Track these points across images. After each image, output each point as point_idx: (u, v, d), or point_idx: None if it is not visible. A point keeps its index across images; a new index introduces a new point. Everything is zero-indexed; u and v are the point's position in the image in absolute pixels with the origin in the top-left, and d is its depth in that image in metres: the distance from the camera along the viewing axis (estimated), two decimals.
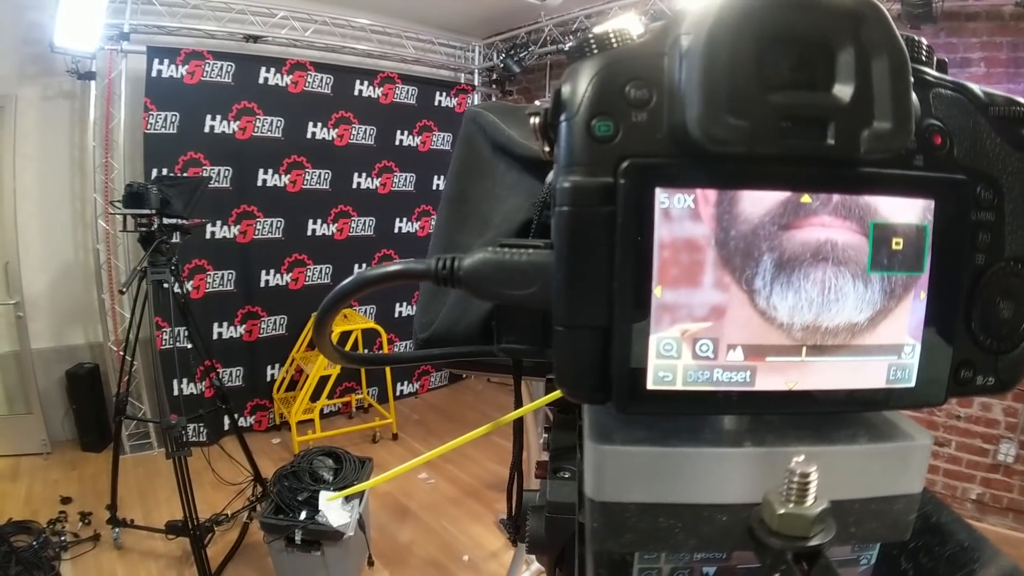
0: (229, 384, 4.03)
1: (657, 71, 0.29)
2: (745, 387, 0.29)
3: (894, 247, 0.29)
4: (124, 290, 2.58)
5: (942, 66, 0.34)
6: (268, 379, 4.42)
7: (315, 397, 4.07)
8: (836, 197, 0.29)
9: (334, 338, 3.07)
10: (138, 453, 3.91)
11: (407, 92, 4.87)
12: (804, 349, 0.30)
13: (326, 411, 4.38)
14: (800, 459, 0.26)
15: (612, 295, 0.29)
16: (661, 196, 0.28)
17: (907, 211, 0.29)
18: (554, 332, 0.31)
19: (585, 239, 0.29)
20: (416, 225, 5.11)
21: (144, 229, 2.71)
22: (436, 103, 5.11)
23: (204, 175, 3.74)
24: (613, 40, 0.31)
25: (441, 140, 5.17)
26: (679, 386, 0.29)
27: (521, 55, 4.96)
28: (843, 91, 0.28)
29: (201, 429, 3.80)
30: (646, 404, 0.29)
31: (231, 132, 3.98)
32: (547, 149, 0.36)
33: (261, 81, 4.06)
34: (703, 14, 0.28)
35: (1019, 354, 0.33)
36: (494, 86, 5.61)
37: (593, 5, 4.55)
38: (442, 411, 5.01)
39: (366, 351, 4.22)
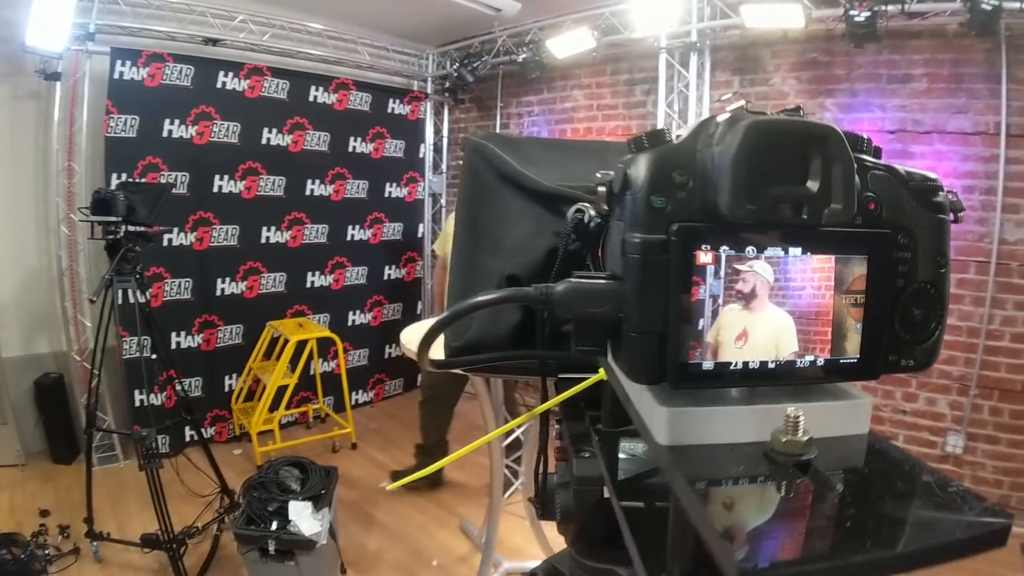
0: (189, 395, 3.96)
1: (692, 164, 0.44)
2: (751, 367, 0.45)
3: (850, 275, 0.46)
4: (94, 299, 2.52)
5: (878, 152, 0.49)
6: (226, 389, 4.35)
7: (274, 407, 4.03)
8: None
9: (291, 348, 3.13)
10: (105, 466, 3.80)
11: (361, 99, 4.89)
12: None
13: (284, 421, 4.33)
14: (793, 407, 0.40)
15: (667, 312, 0.43)
16: (698, 250, 0.43)
17: (854, 253, 0.46)
18: (626, 337, 0.45)
19: (650, 276, 0.43)
20: (368, 232, 5.11)
21: (111, 237, 2.66)
22: (389, 110, 5.14)
23: (165, 181, 3.67)
24: (665, 138, 0.45)
25: (394, 147, 5.20)
26: (710, 369, 0.44)
27: (475, 64, 5.04)
28: (813, 185, 0.43)
29: (164, 440, 3.71)
30: (691, 381, 0.45)
31: (189, 137, 3.91)
32: (605, 207, 0.50)
33: (219, 85, 4.02)
34: (730, 133, 0.42)
35: (930, 344, 0.50)
36: (447, 94, 5.68)
37: (546, 18, 4.68)
38: (399, 419, 5.02)
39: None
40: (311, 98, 4.53)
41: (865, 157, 0.47)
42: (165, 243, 3.87)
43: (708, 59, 3.99)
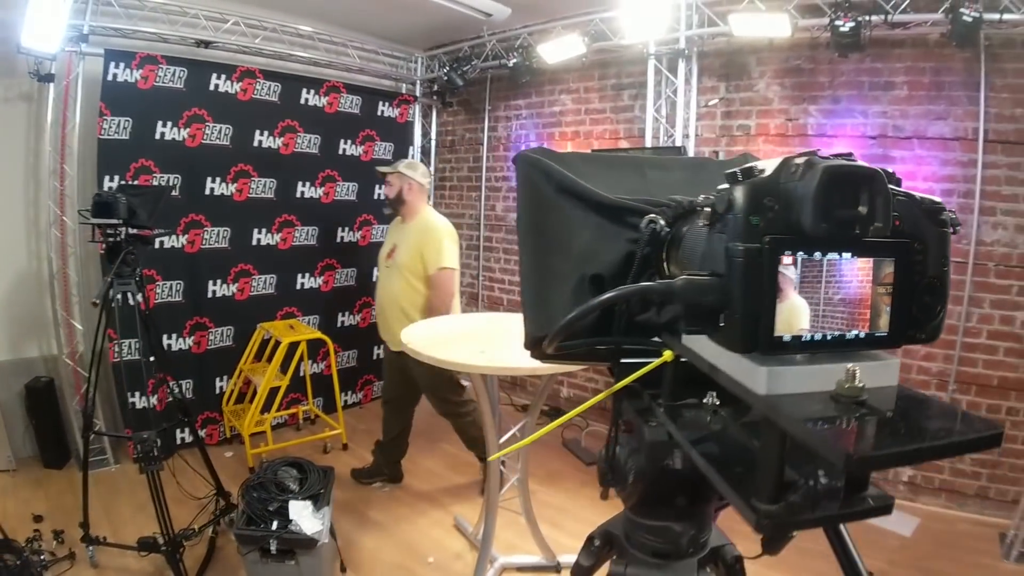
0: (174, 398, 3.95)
1: (777, 192, 0.60)
2: (815, 339, 0.61)
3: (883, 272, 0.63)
4: (97, 302, 2.51)
5: (899, 182, 0.65)
6: (217, 391, 4.33)
7: (265, 409, 4.03)
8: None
9: (282, 349, 3.17)
10: (96, 470, 3.74)
11: (351, 102, 4.90)
12: None
13: (274, 423, 4.33)
14: (851, 365, 0.57)
15: (761, 299, 0.59)
16: (782, 255, 0.59)
17: (886, 256, 0.63)
18: (730, 319, 0.62)
19: (749, 274, 0.59)
20: (357, 234, 5.12)
21: (112, 239, 2.66)
22: (379, 113, 5.15)
23: (163, 184, 3.67)
24: (755, 172, 0.61)
25: (383, 150, 5.22)
26: (788, 340, 0.60)
27: (464, 68, 5.09)
28: (863, 209, 0.59)
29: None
30: (779, 349, 0.60)
31: (181, 139, 3.89)
32: (706, 223, 0.66)
33: (212, 88, 4.01)
34: (810, 172, 0.58)
35: (937, 323, 0.67)
36: (435, 97, 5.71)
37: (535, 23, 4.75)
38: None
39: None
40: (302, 100, 4.54)
41: (892, 187, 0.62)
42: (157, 245, 3.81)
43: (695, 65, 4.08)
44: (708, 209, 0.64)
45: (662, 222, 0.79)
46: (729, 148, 4.16)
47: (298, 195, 4.62)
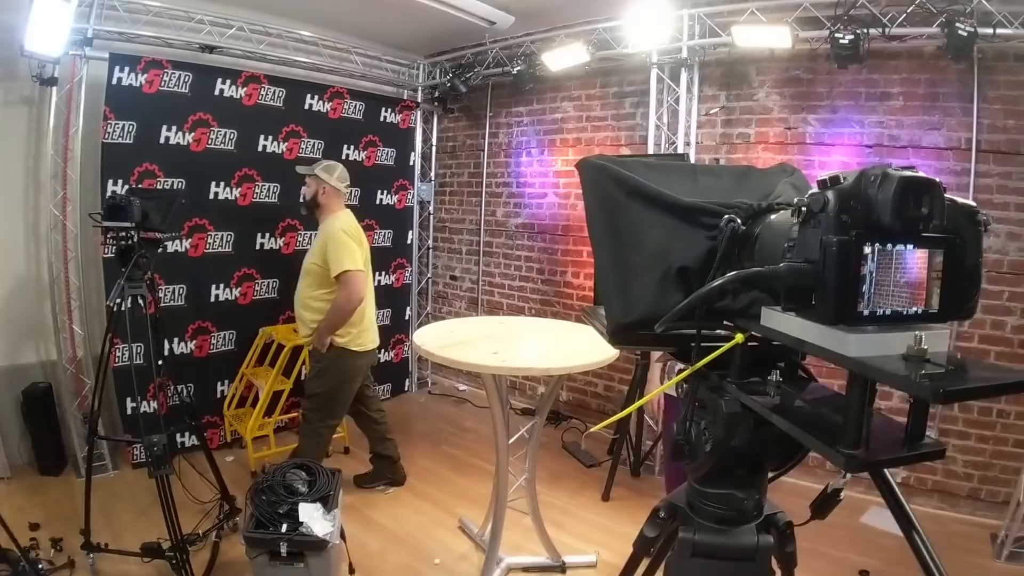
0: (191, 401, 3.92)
1: (859, 196, 0.76)
2: (886, 313, 0.76)
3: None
4: (112, 305, 2.52)
5: (945, 189, 0.78)
6: (218, 395, 4.32)
7: (268, 413, 4.04)
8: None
9: (286, 353, 3.27)
10: (95, 476, 3.69)
11: (355, 107, 4.93)
12: None
13: (276, 427, 4.32)
14: (918, 332, 0.73)
15: (850, 280, 0.74)
16: (865, 245, 0.74)
17: (938, 248, 0.78)
18: (822, 297, 0.76)
19: (840, 261, 0.74)
20: None
21: (124, 243, 2.67)
22: (381, 119, 5.19)
23: (175, 188, 3.66)
24: (840, 180, 0.78)
25: (385, 155, 5.25)
26: (867, 314, 0.75)
27: (467, 75, 5.13)
28: (925, 210, 0.74)
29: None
30: (860, 322, 0.75)
31: (186, 144, 3.89)
32: (798, 220, 0.82)
33: (216, 93, 4.02)
34: (887, 182, 0.73)
35: (972, 304, 0.84)
36: (436, 103, 5.75)
37: (536, 31, 4.80)
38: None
39: None
40: (306, 106, 4.56)
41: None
42: (160, 249, 3.83)
43: (696, 74, 4.15)
44: (804, 209, 0.80)
45: (739, 221, 0.94)
46: (729, 156, 4.23)
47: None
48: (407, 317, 5.71)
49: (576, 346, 2.86)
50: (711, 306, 0.93)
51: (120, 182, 3.62)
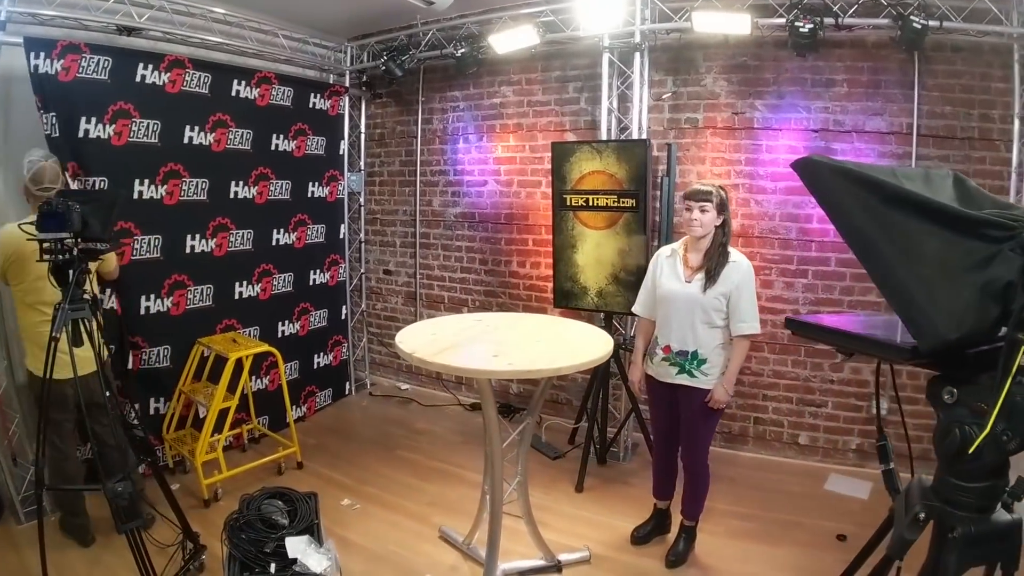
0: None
1: None
2: None
3: None
4: (57, 336, 2.15)
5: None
6: (152, 413, 3.86)
7: (213, 432, 3.68)
8: None
9: (230, 366, 3.03)
10: (33, 521, 3.24)
11: (283, 93, 4.56)
12: None
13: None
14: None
15: None
16: None
17: None
18: None
19: None
20: (293, 236, 4.79)
21: (61, 257, 2.27)
22: (311, 105, 4.84)
23: (114, 189, 3.20)
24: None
25: (316, 144, 4.92)
26: None
27: (402, 58, 4.87)
28: None
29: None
30: None
31: (107, 137, 3.41)
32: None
33: (138, 79, 3.55)
34: None
35: None
36: (364, 88, 5.44)
37: (472, 13, 4.60)
38: (336, 431, 4.79)
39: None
40: (233, 92, 4.14)
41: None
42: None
43: (647, 59, 4.13)
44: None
45: None
46: (678, 140, 4.26)
47: (232, 196, 4.22)
48: (343, 316, 5.41)
49: (572, 341, 2.80)
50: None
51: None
